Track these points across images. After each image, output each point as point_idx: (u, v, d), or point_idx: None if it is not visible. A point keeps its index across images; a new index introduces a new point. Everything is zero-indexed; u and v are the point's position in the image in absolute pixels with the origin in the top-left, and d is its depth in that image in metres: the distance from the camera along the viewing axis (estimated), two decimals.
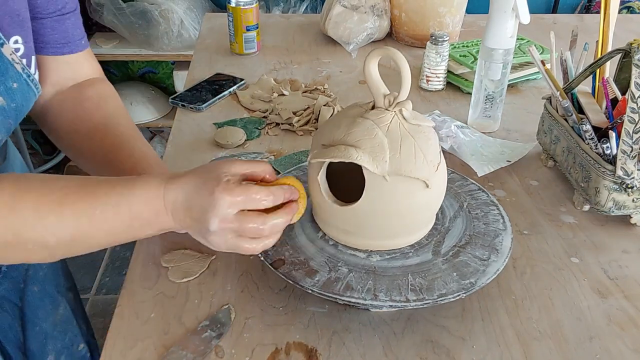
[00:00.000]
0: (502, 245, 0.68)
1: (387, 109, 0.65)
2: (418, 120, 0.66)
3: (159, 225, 0.61)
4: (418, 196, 0.64)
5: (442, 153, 0.68)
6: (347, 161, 0.62)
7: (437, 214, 0.72)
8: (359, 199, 0.64)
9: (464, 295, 0.61)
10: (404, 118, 0.65)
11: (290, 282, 0.63)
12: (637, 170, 0.76)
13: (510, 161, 0.94)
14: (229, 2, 1.28)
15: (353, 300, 0.61)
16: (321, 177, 0.66)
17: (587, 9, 2.33)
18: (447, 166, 0.70)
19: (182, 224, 0.60)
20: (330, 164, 0.65)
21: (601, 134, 0.81)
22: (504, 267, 0.65)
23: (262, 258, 0.66)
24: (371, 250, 0.67)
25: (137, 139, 0.80)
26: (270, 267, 0.65)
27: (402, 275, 0.64)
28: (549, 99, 0.93)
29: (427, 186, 0.64)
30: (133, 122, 0.83)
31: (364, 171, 0.62)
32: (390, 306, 0.60)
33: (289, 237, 0.69)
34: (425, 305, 0.61)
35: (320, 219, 0.70)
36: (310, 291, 0.62)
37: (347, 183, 0.66)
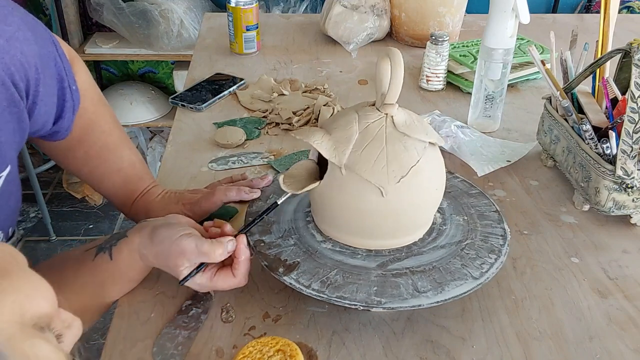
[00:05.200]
0: (452, 290, 0.61)
1: (379, 109, 0.65)
2: (410, 130, 0.64)
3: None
4: (371, 201, 0.63)
5: (426, 171, 0.64)
6: (306, 141, 0.64)
7: (427, 237, 0.69)
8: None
9: (361, 308, 0.59)
10: (394, 123, 0.64)
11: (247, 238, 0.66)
12: (637, 170, 0.76)
13: (510, 161, 0.94)
14: (229, 2, 1.28)
15: (264, 264, 0.64)
16: (311, 154, 0.69)
17: (587, 9, 2.33)
18: (447, 167, 0.70)
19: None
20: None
21: (601, 134, 0.81)
22: (427, 307, 0.60)
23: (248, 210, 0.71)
24: (329, 238, 0.68)
25: (122, 146, 0.81)
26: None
27: (330, 268, 0.64)
28: (549, 99, 0.93)
29: (382, 195, 0.62)
30: (115, 119, 0.82)
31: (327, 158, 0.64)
32: (290, 284, 0.62)
33: (285, 202, 0.70)
34: (319, 299, 0.61)
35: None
36: (248, 243, 0.65)
37: None
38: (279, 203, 0.67)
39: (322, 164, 0.69)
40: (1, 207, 0.64)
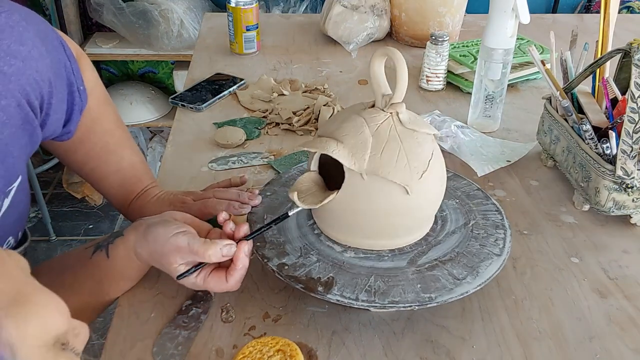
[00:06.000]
0: (485, 270, 0.64)
1: (383, 109, 0.65)
2: (416, 125, 0.65)
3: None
4: (396, 201, 0.63)
5: (438, 163, 0.66)
6: (323, 152, 0.63)
7: (436, 226, 0.71)
8: None
9: (417, 307, 0.60)
10: (400, 121, 0.64)
11: (259, 257, 0.65)
12: (637, 170, 0.76)
13: (510, 161, 0.94)
14: (229, 2, 1.28)
15: (300, 287, 0.62)
16: (313, 166, 0.68)
17: (587, 9, 2.33)
18: (447, 167, 0.70)
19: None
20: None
21: (601, 134, 0.81)
22: (474, 291, 0.62)
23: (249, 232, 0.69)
24: (349, 247, 0.67)
25: (123, 146, 0.81)
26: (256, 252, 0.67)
27: (366, 276, 0.63)
28: (549, 99, 0.93)
29: (407, 192, 0.63)
30: (118, 119, 0.83)
31: (344, 166, 0.63)
32: (338, 300, 0.61)
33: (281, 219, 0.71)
34: (372, 308, 0.61)
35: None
36: (271, 269, 0.64)
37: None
38: (290, 214, 0.65)
39: (324, 174, 0.69)
40: (12, 214, 0.64)
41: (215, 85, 1.16)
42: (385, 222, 0.65)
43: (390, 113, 0.65)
